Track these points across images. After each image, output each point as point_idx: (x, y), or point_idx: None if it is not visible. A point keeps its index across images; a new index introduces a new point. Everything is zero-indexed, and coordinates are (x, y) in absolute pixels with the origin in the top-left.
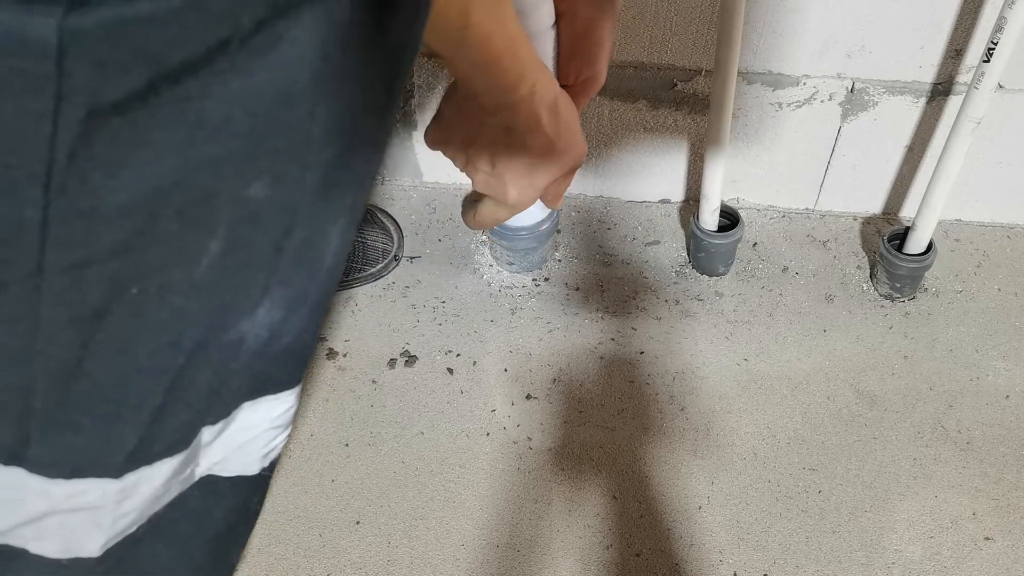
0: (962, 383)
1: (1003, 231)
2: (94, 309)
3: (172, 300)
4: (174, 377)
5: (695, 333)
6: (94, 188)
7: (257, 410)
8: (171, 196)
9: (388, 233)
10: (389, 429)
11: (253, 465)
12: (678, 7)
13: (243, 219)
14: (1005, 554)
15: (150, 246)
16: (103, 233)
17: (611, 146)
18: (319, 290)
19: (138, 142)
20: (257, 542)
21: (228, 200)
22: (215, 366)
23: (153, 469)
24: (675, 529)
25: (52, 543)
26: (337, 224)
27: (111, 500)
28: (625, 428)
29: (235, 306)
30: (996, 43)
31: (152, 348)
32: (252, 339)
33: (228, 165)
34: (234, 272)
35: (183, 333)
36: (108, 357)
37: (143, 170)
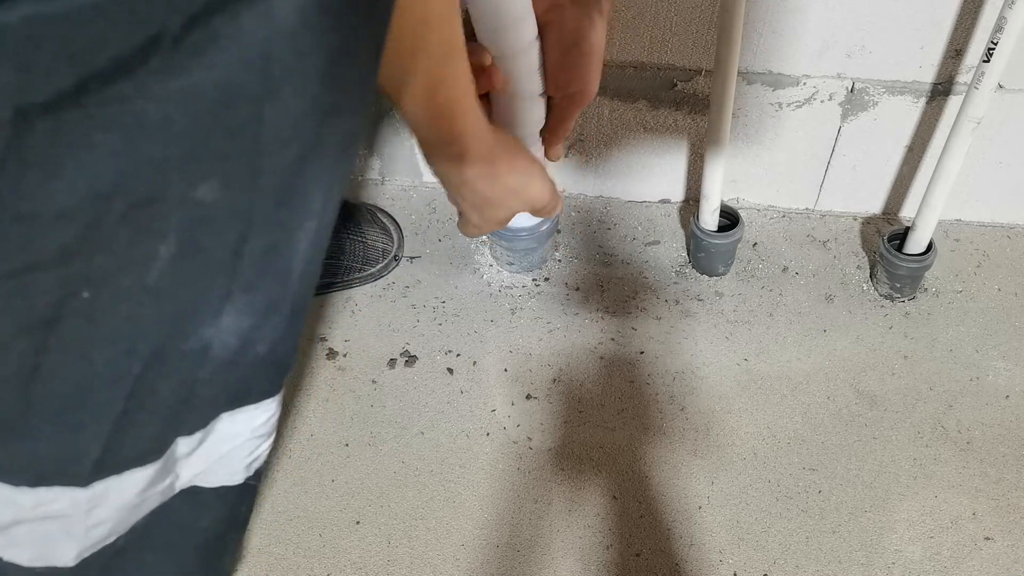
0: (962, 383)
1: (1003, 231)
2: (44, 316)
3: (125, 306)
4: (133, 384)
5: (695, 333)
6: (30, 192)
7: (237, 420)
8: (113, 199)
9: (388, 233)
10: (389, 429)
11: (237, 475)
12: (678, 7)
13: (193, 223)
14: (1005, 554)
15: (97, 251)
16: (44, 238)
17: (611, 146)
18: (292, 298)
19: (75, 144)
20: (257, 542)
21: (175, 203)
22: (179, 374)
23: (122, 479)
24: (675, 529)
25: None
26: (304, 230)
27: (80, 509)
28: (625, 428)
29: (193, 312)
30: (996, 43)
31: (108, 355)
32: (219, 347)
33: (171, 167)
34: (189, 278)
35: (139, 340)
36: (64, 364)
37: (82, 173)
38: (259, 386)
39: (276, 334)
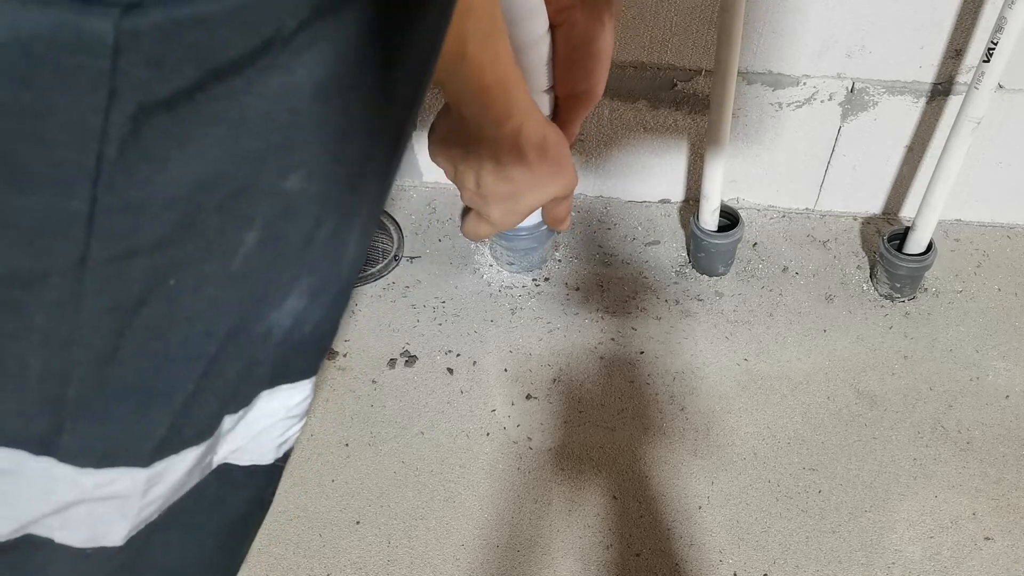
0: (962, 383)
1: (1003, 231)
2: (133, 299)
3: (208, 291)
4: (206, 366)
5: (695, 333)
6: (141, 182)
7: (275, 399)
8: (213, 189)
9: (388, 233)
10: (389, 429)
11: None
12: (678, 7)
13: (279, 211)
14: (1005, 554)
15: (190, 238)
16: (147, 226)
17: (611, 146)
18: (341, 280)
19: (184, 138)
20: (257, 542)
21: (266, 193)
22: (244, 356)
23: (179, 458)
24: (675, 529)
25: (78, 533)
26: (361, 216)
27: (139, 489)
28: (625, 428)
29: (267, 297)
30: (996, 43)
31: (185, 337)
32: (278, 329)
33: (268, 159)
34: (268, 263)
35: (217, 323)
36: (142, 346)
37: (188, 164)
38: (298, 365)
39: (321, 314)
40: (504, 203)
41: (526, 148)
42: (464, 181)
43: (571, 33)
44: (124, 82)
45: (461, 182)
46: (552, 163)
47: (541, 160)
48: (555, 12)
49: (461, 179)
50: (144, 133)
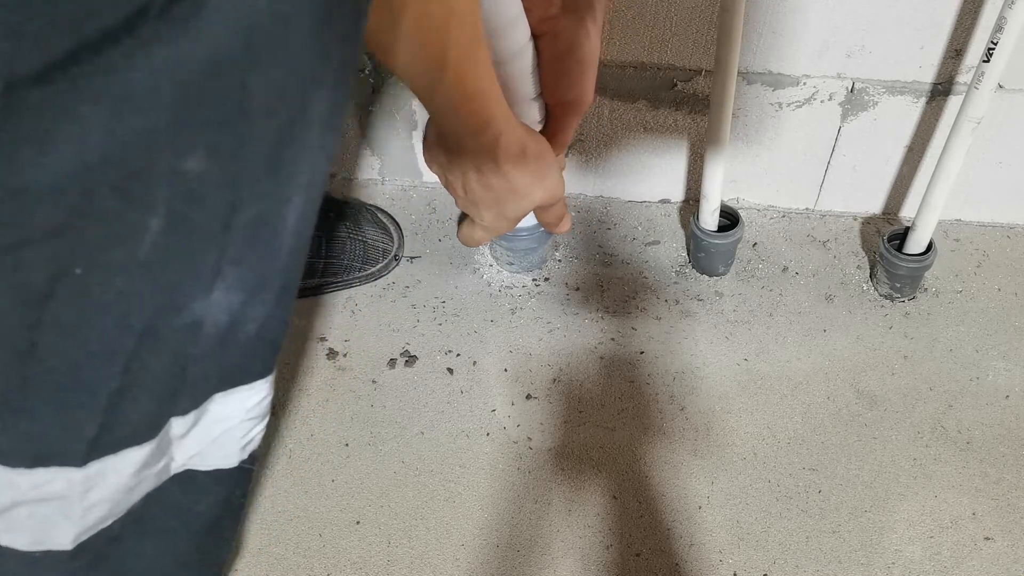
0: (962, 383)
1: (1003, 231)
2: (38, 292)
3: (117, 281)
4: (127, 360)
5: (695, 333)
6: (21, 166)
7: (229, 401)
8: (103, 172)
9: (388, 233)
10: (389, 429)
11: (232, 457)
12: (678, 7)
13: (182, 195)
14: (1005, 554)
15: (88, 225)
16: (36, 212)
17: (611, 146)
18: (282, 274)
19: (64, 117)
20: (257, 542)
21: (164, 174)
22: (172, 351)
23: (119, 458)
24: (675, 529)
25: (22, 535)
26: (291, 203)
27: (77, 490)
28: (625, 428)
29: (184, 287)
30: (996, 43)
31: (101, 330)
32: (210, 324)
33: (159, 138)
34: (179, 251)
35: (132, 314)
36: (58, 341)
37: (71, 145)
38: (251, 366)
39: (265, 312)
40: (492, 208)
41: (503, 159)
42: (454, 188)
43: (556, 42)
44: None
45: (452, 189)
46: (531, 173)
47: (520, 170)
48: (538, 22)
49: (451, 187)
50: (19, 112)
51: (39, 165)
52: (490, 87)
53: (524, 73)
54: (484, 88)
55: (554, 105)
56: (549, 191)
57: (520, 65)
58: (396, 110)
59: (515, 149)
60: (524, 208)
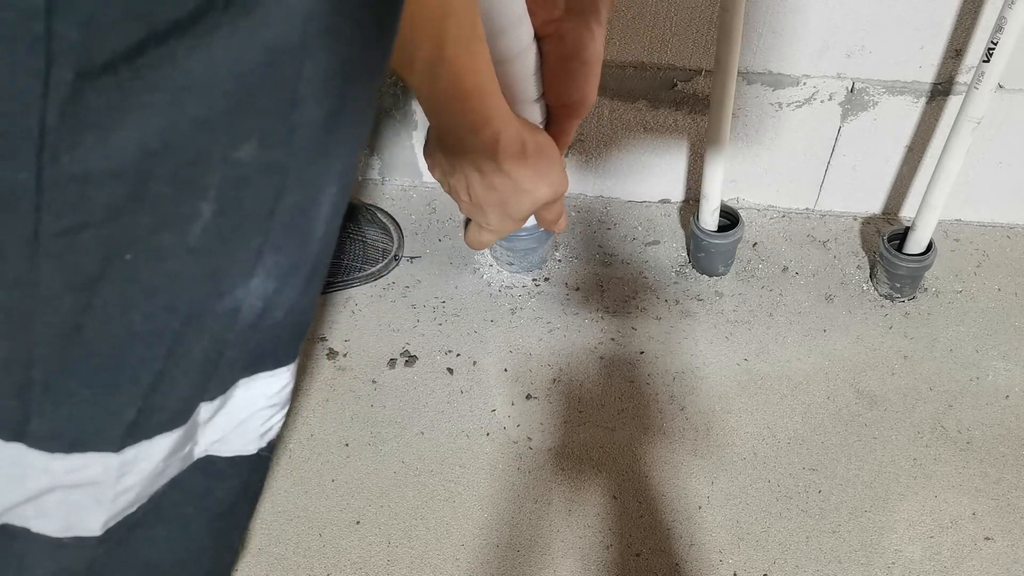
0: (962, 383)
1: (1003, 231)
2: (90, 274)
3: (166, 264)
4: (171, 344)
5: (695, 333)
6: (85, 152)
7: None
8: (161, 159)
9: (388, 233)
10: (389, 429)
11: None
12: (678, 7)
13: (234, 181)
14: (1005, 554)
15: (143, 210)
16: (96, 197)
17: (611, 146)
18: (311, 261)
19: (127, 105)
20: (257, 542)
21: (218, 162)
22: (211, 335)
23: (152, 444)
24: (675, 529)
25: (53, 521)
26: (327, 192)
27: (112, 475)
28: (625, 428)
29: (229, 272)
30: (996, 43)
31: (147, 313)
32: (247, 309)
33: (216, 126)
34: (227, 236)
35: (178, 298)
36: (104, 323)
37: (132, 133)
38: (276, 352)
39: (293, 298)
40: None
41: (503, 157)
42: (457, 193)
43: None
44: (60, 45)
45: (455, 194)
46: (534, 169)
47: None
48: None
49: (455, 191)
50: (85, 99)
51: (100, 152)
52: (488, 84)
53: (526, 74)
54: (482, 85)
55: (556, 107)
56: (554, 186)
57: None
58: (396, 110)
59: (515, 146)
60: (529, 206)
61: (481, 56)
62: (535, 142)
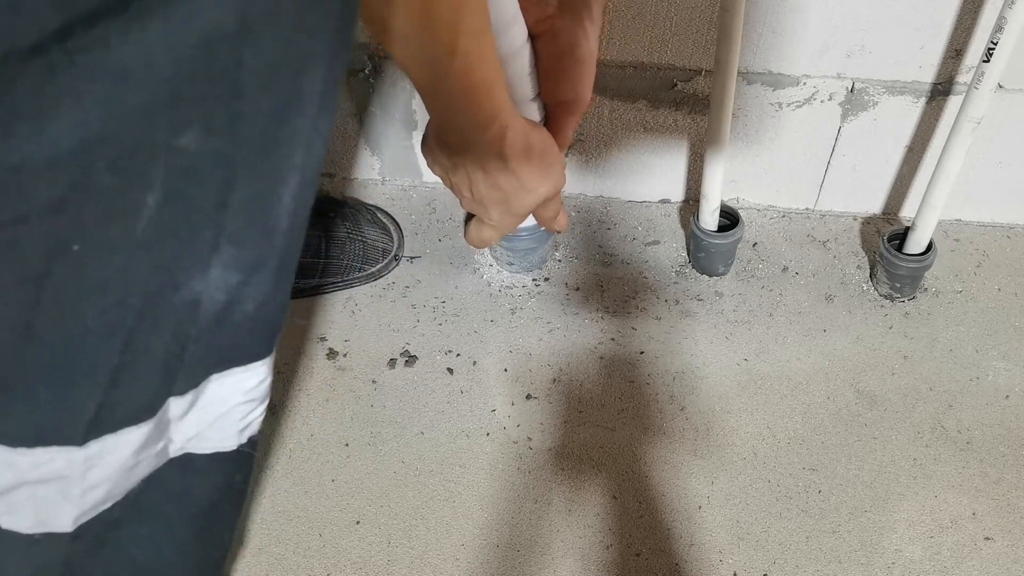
0: (962, 383)
1: (1003, 231)
2: (35, 270)
3: (114, 258)
4: (126, 338)
5: (695, 333)
6: (20, 141)
7: (226, 382)
8: (101, 148)
9: (388, 233)
10: (389, 429)
11: (230, 440)
12: (678, 7)
13: (178, 171)
14: (1005, 554)
15: (86, 201)
16: (35, 188)
17: (611, 146)
18: (278, 255)
19: (61, 93)
20: (257, 542)
21: (160, 151)
22: (171, 328)
23: (117, 438)
24: (675, 529)
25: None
26: (287, 184)
27: (77, 470)
28: (625, 428)
29: (182, 264)
30: (996, 43)
31: (99, 308)
32: (208, 302)
33: (156, 114)
34: (176, 227)
35: (130, 291)
36: (56, 319)
37: (69, 121)
38: (248, 347)
39: (263, 291)
40: (499, 205)
41: (510, 153)
42: (459, 189)
43: (554, 41)
44: None
45: (457, 191)
46: (537, 166)
47: (526, 164)
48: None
49: (456, 188)
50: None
51: (36, 141)
52: (496, 78)
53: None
54: (491, 78)
55: (553, 105)
56: (555, 184)
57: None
58: (396, 110)
59: (521, 143)
60: (531, 203)
61: (490, 49)
62: (539, 139)
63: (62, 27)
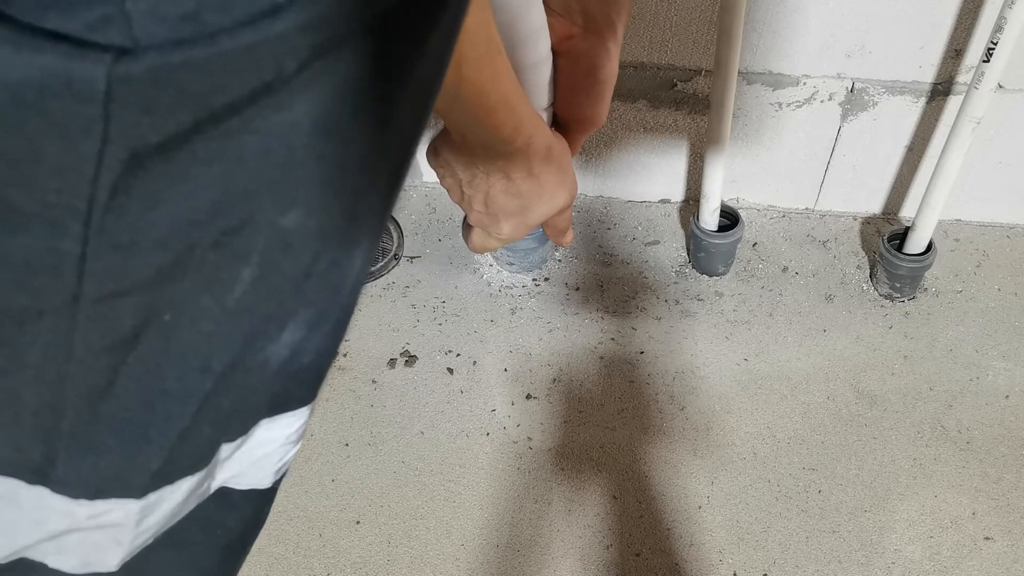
0: (962, 383)
1: (1003, 231)
2: (127, 336)
3: (203, 326)
4: (202, 400)
5: (695, 333)
6: (132, 223)
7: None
8: (208, 227)
9: (388, 233)
10: (389, 429)
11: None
12: (678, 7)
13: (277, 247)
14: (1005, 554)
15: (186, 275)
16: (140, 265)
17: (611, 146)
18: (340, 309)
19: (177, 178)
20: (257, 542)
21: (263, 229)
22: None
23: (174, 487)
24: (675, 529)
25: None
26: (360, 246)
27: (133, 519)
28: (625, 428)
29: (264, 331)
30: (996, 43)
31: (181, 372)
32: (275, 359)
33: (265, 196)
34: (264, 298)
35: (213, 358)
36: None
37: (181, 204)
38: (298, 394)
39: (323, 345)
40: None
41: (535, 160)
42: (472, 203)
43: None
44: (116, 128)
45: (468, 204)
46: (557, 172)
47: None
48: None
49: (468, 202)
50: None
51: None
52: (514, 94)
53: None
54: (508, 96)
55: (568, 120)
56: (571, 193)
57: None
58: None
59: (543, 150)
60: (548, 212)
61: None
62: (559, 147)
63: (192, 126)
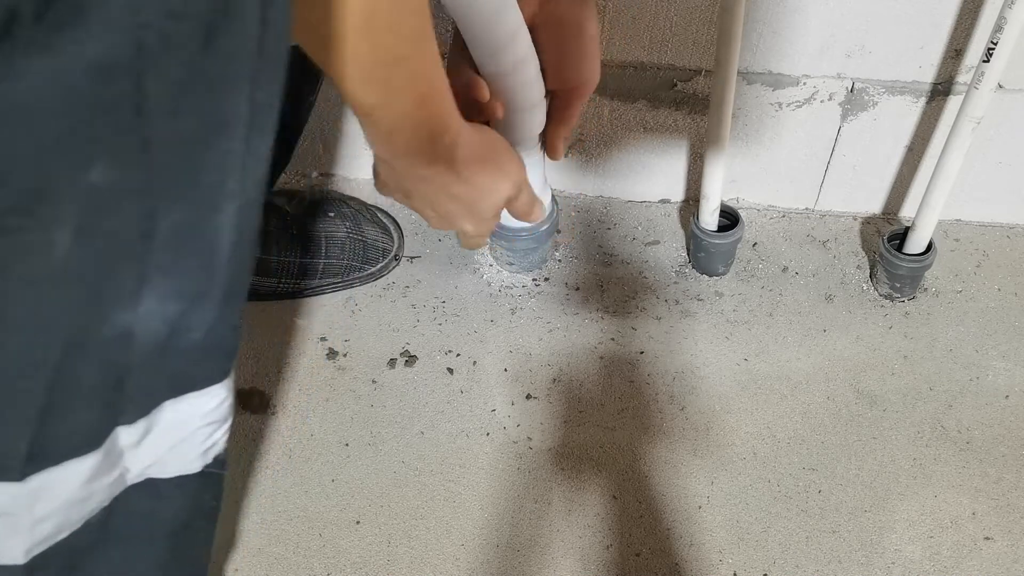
0: (962, 383)
1: (1003, 231)
2: None
3: (29, 294)
4: (52, 374)
5: (695, 333)
6: None
7: (181, 408)
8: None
9: (388, 233)
10: (389, 429)
11: (194, 463)
12: (678, 7)
13: (91, 207)
14: (1005, 554)
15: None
16: None
17: (611, 146)
18: (223, 283)
19: None
20: (257, 542)
21: (66, 188)
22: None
23: (62, 470)
24: (675, 529)
25: None
26: (223, 211)
27: (21, 503)
28: (625, 428)
29: (105, 297)
30: (996, 43)
31: (20, 344)
32: (144, 333)
33: (52, 151)
34: (95, 262)
35: (50, 327)
36: None
37: None
38: (201, 372)
39: (209, 319)
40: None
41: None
42: (423, 212)
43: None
44: None
45: (422, 214)
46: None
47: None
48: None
49: (419, 211)
50: None
51: None
52: (443, 84)
53: (529, 79)
54: (438, 85)
55: (563, 92)
56: (514, 181)
57: (525, 72)
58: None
59: (470, 150)
60: (496, 204)
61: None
62: (488, 141)
63: None
